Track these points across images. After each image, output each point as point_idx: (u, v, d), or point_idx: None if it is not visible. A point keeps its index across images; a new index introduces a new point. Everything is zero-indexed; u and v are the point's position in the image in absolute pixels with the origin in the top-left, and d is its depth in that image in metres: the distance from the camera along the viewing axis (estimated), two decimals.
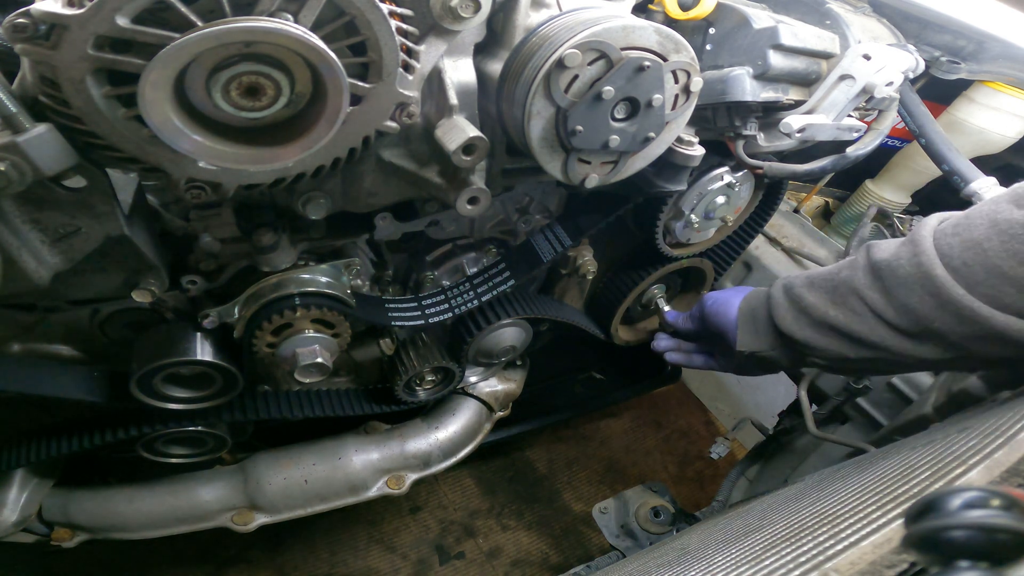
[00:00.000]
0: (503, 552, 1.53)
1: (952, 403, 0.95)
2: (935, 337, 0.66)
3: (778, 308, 0.81)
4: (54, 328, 0.76)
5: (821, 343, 0.76)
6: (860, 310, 0.71)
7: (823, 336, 0.76)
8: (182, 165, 0.52)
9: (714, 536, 0.79)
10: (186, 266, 0.74)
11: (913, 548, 0.28)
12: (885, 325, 0.70)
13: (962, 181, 0.86)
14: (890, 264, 0.68)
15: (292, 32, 0.43)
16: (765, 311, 0.84)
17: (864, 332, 0.71)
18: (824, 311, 0.75)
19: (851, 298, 0.72)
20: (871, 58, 0.73)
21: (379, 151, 0.66)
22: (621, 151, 0.65)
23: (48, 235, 0.56)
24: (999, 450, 0.45)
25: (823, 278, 0.77)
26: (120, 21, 0.42)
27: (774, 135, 0.80)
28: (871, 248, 0.72)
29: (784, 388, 1.60)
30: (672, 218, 0.96)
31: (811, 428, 1.16)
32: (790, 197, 1.48)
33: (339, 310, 0.80)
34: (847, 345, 0.74)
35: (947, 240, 0.64)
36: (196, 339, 0.78)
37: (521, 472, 1.71)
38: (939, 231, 0.66)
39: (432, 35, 0.56)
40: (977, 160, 0.92)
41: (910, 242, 0.67)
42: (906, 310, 0.67)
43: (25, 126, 0.46)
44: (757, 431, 1.45)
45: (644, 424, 1.94)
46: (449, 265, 0.95)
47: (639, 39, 0.57)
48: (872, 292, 0.70)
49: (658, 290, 1.18)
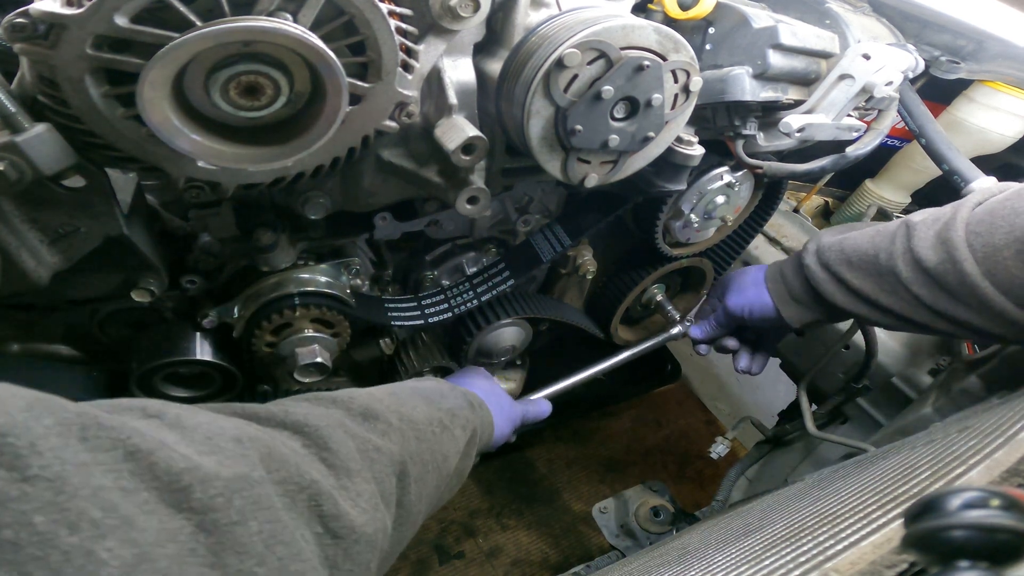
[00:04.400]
0: (503, 552, 1.53)
1: (952, 403, 0.95)
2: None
3: (823, 284, 0.81)
4: (53, 328, 0.76)
5: (875, 318, 0.78)
6: (914, 303, 0.72)
7: (880, 315, 0.77)
8: (181, 164, 0.52)
9: (714, 536, 0.79)
10: (185, 266, 0.74)
11: (913, 548, 0.28)
12: (943, 318, 0.71)
13: (962, 181, 0.86)
14: (936, 271, 0.68)
15: (291, 31, 0.43)
16: (803, 284, 0.84)
17: (925, 320, 0.73)
18: (877, 297, 0.75)
19: (901, 289, 0.73)
20: (871, 58, 0.73)
21: (378, 151, 0.65)
22: (620, 151, 0.65)
23: (47, 235, 0.56)
24: (999, 450, 0.45)
25: (860, 257, 0.77)
26: (119, 21, 0.42)
27: (774, 135, 0.80)
28: (912, 240, 0.71)
29: (784, 388, 1.60)
30: (672, 218, 0.95)
31: (811, 428, 1.16)
32: (790, 197, 1.48)
33: (338, 310, 0.80)
34: (904, 324, 0.76)
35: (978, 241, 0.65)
36: (195, 339, 0.78)
37: (521, 472, 1.71)
38: (970, 232, 0.66)
39: (431, 34, 0.56)
40: (977, 160, 0.92)
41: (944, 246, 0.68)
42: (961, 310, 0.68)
43: (24, 126, 0.46)
44: (757, 431, 1.45)
45: (644, 424, 1.93)
46: (449, 265, 0.95)
47: (638, 38, 0.57)
48: (922, 289, 0.71)
49: (658, 290, 1.18)
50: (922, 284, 0.70)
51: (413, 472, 0.53)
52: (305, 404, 0.51)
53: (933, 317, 0.72)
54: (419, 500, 0.55)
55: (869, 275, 0.76)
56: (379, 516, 0.45)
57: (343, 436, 0.46)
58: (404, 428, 0.55)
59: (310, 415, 0.46)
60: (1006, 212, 0.64)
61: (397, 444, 0.52)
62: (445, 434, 0.63)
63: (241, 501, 0.33)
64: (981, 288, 0.65)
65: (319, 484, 0.39)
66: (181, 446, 0.33)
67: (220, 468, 0.33)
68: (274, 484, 0.36)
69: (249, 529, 0.32)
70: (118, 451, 0.29)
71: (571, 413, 1.58)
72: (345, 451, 0.45)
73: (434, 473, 0.59)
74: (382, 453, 0.49)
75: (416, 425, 0.58)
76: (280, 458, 0.38)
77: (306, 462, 0.41)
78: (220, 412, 0.42)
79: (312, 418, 0.45)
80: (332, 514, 0.39)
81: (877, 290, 0.75)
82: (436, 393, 0.68)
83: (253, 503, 0.33)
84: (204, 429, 0.36)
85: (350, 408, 0.52)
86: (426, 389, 0.68)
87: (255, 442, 0.38)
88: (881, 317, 0.78)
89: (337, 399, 0.53)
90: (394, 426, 0.54)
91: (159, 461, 0.30)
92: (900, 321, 0.76)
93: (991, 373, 0.93)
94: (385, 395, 0.59)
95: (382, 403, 0.56)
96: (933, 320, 0.72)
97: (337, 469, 0.43)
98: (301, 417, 0.45)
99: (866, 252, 0.76)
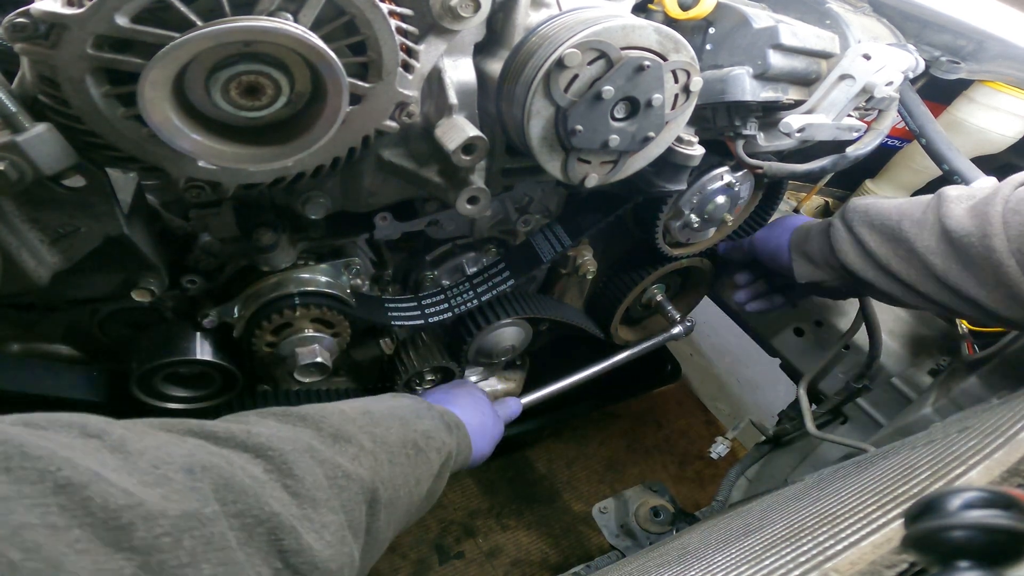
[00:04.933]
0: (503, 552, 1.53)
1: (952, 403, 0.95)
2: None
3: (841, 242, 0.81)
4: (54, 328, 0.76)
5: (879, 284, 0.78)
6: (924, 271, 0.72)
7: (886, 281, 0.77)
8: (181, 164, 0.52)
9: (714, 536, 0.79)
10: (186, 265, 0.74)
11: (913, 548, 0.28)
12: (949, 290, 0.70)
13: (962, 181, 0.86)
14: (962, 241, 0.68)
15: (291, 31, 0.43)
16: (825, 241, 0.84)
17: (930, 291, 0.72)
18: (888, 262, 0.76)
19: (915, 257, 0.73)
20: (871, 58, 0.73)
21: (379, 150, 0.65)
22: (621, 151, 0.65)
23: (47, 234, 0.56)
24: (999, 450, 0.45)
25: (883, 221, 0.77)
26: (119, 21, 0.42)
27: (774, 135, 0.80)
28: (943, 209, 0.70)
29: (784, 388, 1.60)
30: (672, 218, 0.95)
31: (811, 428, 1.16)
32: (790, 197, 1.48)
33: (339, 309, 0.80)
34: (907, 293, 0.76)
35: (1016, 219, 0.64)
36: (196, 339, 0.78)
37: (521, 472, 1.71)
38: (1008, 210, 0.65)
39: (432, 34, 0.56)
40: (977, 160, 0.92)
41: (979, 218, 0.67)
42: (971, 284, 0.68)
43: (25, 125, 0.46)
44: (757, 431, 1.45)
45: (644, 424, 1.93)
46: (449, 265, 0.95)
47: (639, 38, 0.57)
48: (937, 258, 0.70)
49: (658, 290, 1.18)
50: (939, 253, 0.70)
51: (384, 497, 0.51)
52: (271, 422, 0.48)
53: (939, 288, 0.71)
54: (387, 526, 0.53)
55: (887, 239, 0.76)
56: (345, 549, 0.42)
57: (310, 462, 0.43)
58: (377, 451, 0.53)
59: (275, 437, 0.43)
60: None
61: (368, 469, 0.50)
62: (420, 457, 0.61)
63: (192, 542, 0.30)
64: (1005, 266, 0.64)
65: (279, 517, 0.37)
66: (123, 476, 0.30)
67: (167, 504, 0.30)
68: (229, 518, 0.34)
69: (201, 572, 0.30)
70: (46, 484, 0.27)
71: (571, 413, 1.58)
72: (311, 479, 0.42)
73: (405, 498, 0.56)
74: (352, 480, 0.46)
75: (390, 448, 0.56)
76: (238, 488, 0.36)
77: (267, 491, 0.38)
78: (173, 431, 0.39)
79: (276, 440, 0.42)
80: (293, 549, 0.37)
81: (890, 254, 0.75)
82: (412, 413, 0.66)
83: (205, 543, 0.31)
84: (151, 456, 0.33)
85: (320, 428, 0.50)
86: (402, 408, 0.66)
87: (209, 472, 0.35)
88: (886, 284, 0.77)
89: (307, 417, 0.50)
90: (366, 449, 0.52)
91: (94, 496, 0.27)
92: (904, 289, 0.76)
93: (991, 373, 0.93)
94: (358, 414, 0.57)
95: (355, 423, 0.54)
96: (938, 292, 0.72)
97: (301, 498, 0.40)
98: (264, 439, 0.42)
99: (889, 216, 0.77)
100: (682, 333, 1.12)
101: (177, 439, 0.37)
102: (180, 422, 0.41)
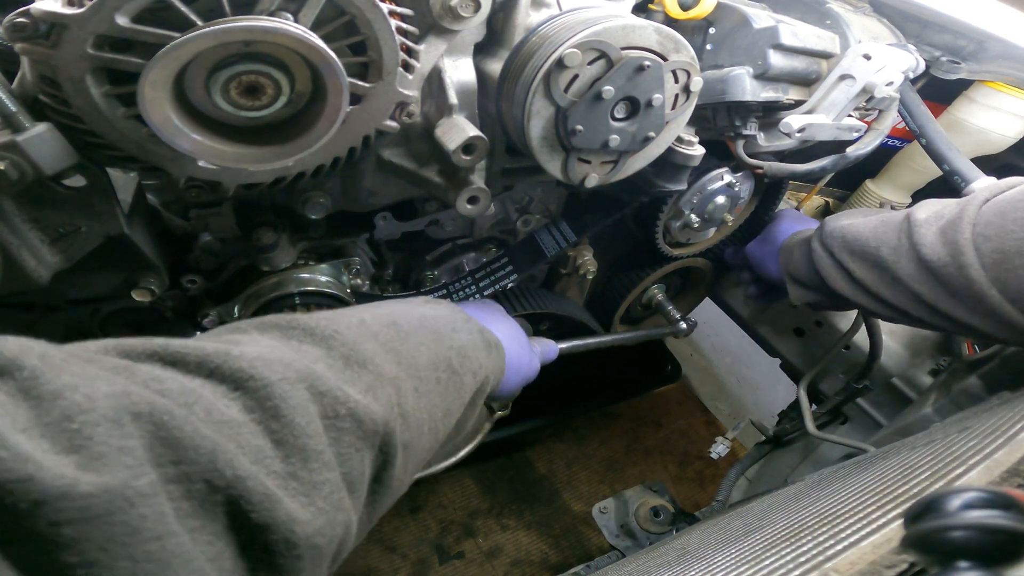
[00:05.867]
0: (503, 552, 1.53)
1: (952, 403, 0.95)
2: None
3: (828, 270, 0.81)
4: (54, 328, 0.76)
5: (876, 309, 0.78)
6: (914, 299, 0.71)
7: (881, 307, 0.77)
8: (182, 164, 0.52)
9: (714, 536, 0.79)
10: (186, 265, 0.74)
11: (912, 548, 0.28)
12: (942, 316, 0.70)
13: (962, 181, 0.86)
14: (940, 272, 0.66)
15: (292, 31, 0.43)
16: (811, 267, 0.84)
17: (924, 316, 0.72)
18: (878, 289, 0.75)
19: (901, 285, 0.72)
20: (871, 58, 0.73)
21: (379, 150, 0.66)
22: (621, 151, 0.65)
23: (48, 234, 0.56)
24: (999, 450, 0.45)
25: (862, 247, 0.76)
26: (120, 20, 0.42)
27: (774, 135, 0.80)
28: (915, 237, 0.69)
29: (784, 388, 1.61)
30: (672, 218, 0.95)
31: (811, 428, 1.16)
32: (790, 197, 1.48)
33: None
34: (904, 318, 0.76)
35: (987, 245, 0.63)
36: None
37: (521, 472, 1.71)
38: (977, 235, 0.64)
39: (432, 34, 0.56)
40: (977, 160, 0.92)
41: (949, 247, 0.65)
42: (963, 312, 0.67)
43: (25, 125, 0.46)
44: (757, 431, 1.45)
45: (644, 424, 1.93)
46: (449, 264, 0.95)
47: (639, 38, 0.57)
48: (923, 287, 0.69)
49: (658, 290, 1.18)
50: (923, 282, 0.69)
51: (402, 438, 0.40)
52: (269, 339, 0.38)
53: (932, 314, 0.71)
54: (404, 472, 0.42)
55: (871, 266, 0.75)
56: (340, 516, 0.33)
57: (305, 397, 0.33)
58: (401, 377, 0.42)
59: (263, 360, 0.32)
60: (1018, 216, 0.60)
61: (384, 404, 0.39)
62: (452, 380, 0.50)
63: (109, 530, 0.22)
64: (988, 296, 0.62)
65: (245, 482, 0.27)
66: (18, 434, 0.22)
67: (78, 475, 0.22)
68: (168, 484, 0.25)
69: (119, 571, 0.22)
70: None
71: (571, 413, 1.58)
72: (304, 420, 0.32)
73: (429, 435, 0.46)
74: (360, 421, 0.35)
75: (418, 371, 0.45)
76: (187, 442, 0.26)
77: (235, 441, 0.28)
78: (131, 355, 0.31)
79: (264, 366, 0.32)
80: (265, 523, 0.28)
81: (878, 282, 0.75)
82: (447, 326, 0.54)
83: (130, 532, 0.22)
84: (67, 401, 0.24)
85: (330, 347, 0.39)
86: (437, 318, 0.54)
87: (144, 420, 0.25)
88: (882, 309, 0.77)
89: (316, 331, 0.39)
90: (386, 376, 0.41)
91: None
92: (900, 315, 0.76)
93: (991, 373, 0.93)
94: (382, 326, 0.46)
95: (376, 339, 0.43)
96: (932, 317, 0.71)
97: (288, 448, 0.30)
98: (247, 364, 0.31)
99: (867, 242, 0.75)
100: (685, 330, 1.13)
101: (109, 373, 0.27)
102: (143, 343, 0.32)
